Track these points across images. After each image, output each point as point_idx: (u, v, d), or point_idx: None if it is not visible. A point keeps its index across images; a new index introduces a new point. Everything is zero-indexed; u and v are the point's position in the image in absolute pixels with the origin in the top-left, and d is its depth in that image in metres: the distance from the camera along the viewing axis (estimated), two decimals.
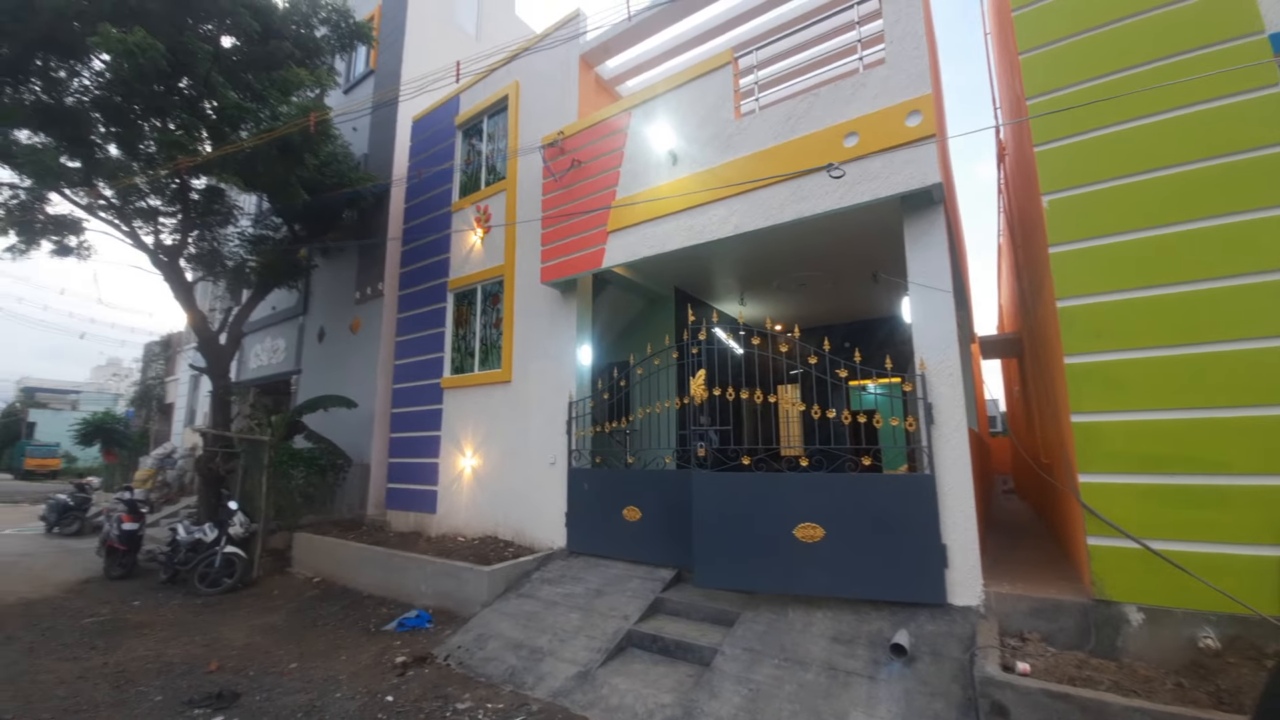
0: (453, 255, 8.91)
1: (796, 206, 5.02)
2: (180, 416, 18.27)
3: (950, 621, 3.97)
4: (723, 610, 4.74)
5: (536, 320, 7.48)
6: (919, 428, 4.45)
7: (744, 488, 4.90)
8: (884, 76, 4.79)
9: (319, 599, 6.76)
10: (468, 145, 9.33)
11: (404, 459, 8.97)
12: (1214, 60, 3.68)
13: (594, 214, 6.47)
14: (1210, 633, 3.29)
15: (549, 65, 7.99)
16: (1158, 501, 3.54)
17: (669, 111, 6.06)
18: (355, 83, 12.25)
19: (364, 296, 10.65)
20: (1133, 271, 3.78)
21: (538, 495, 6.97)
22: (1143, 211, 3.80)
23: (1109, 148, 3.95)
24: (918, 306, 4.66)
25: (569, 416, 6.73)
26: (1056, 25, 4.29)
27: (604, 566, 5.90)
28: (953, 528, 4.22)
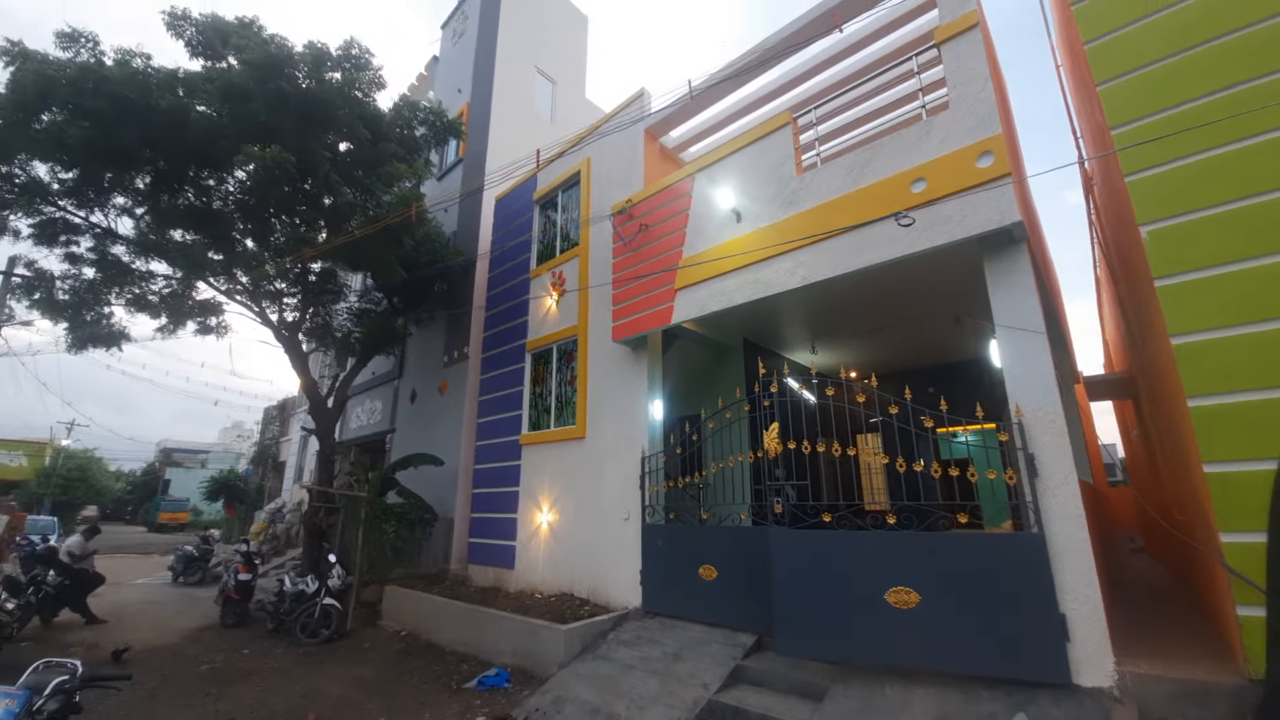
0: (530, 318, 9.46)
1: (865, 254, 4.98)
2: (290, 474, 19.95)
3: (1078, 705, 3.49)
4: (809, 682, 4.42)
5: (609, 377, 7.70)
6: (1020, 481, 4.10)
7: (826, 547, 4.66)
8: (949, 121, 4.77)
9: (405, 652, 6.97)
10: (544, 217, 10.06)
11: (485, 514, 9.28)
12: None
13: (661, 274, 6.71)
14: None
15: (616, 140, 8.59)
16: None
17: (730, 173, 6.29)
18: (447, 170, 13.68)
19: (451, 360, 11.44)
20: (1253, 302, 3.41)
21: (612, 552, 6.94)
22: (1253, 238, 3.46)
23: (1208, 173, 3.68)
24: (1007, 350, 4.39)
25: (642, 471, 6.76)
26: (1132, 54, 4.14)
27: (680, 628, 5.71)
28: (1071, 594, 3.77)
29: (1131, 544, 10.45)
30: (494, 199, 11.32)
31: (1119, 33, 4.23)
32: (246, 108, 7.96)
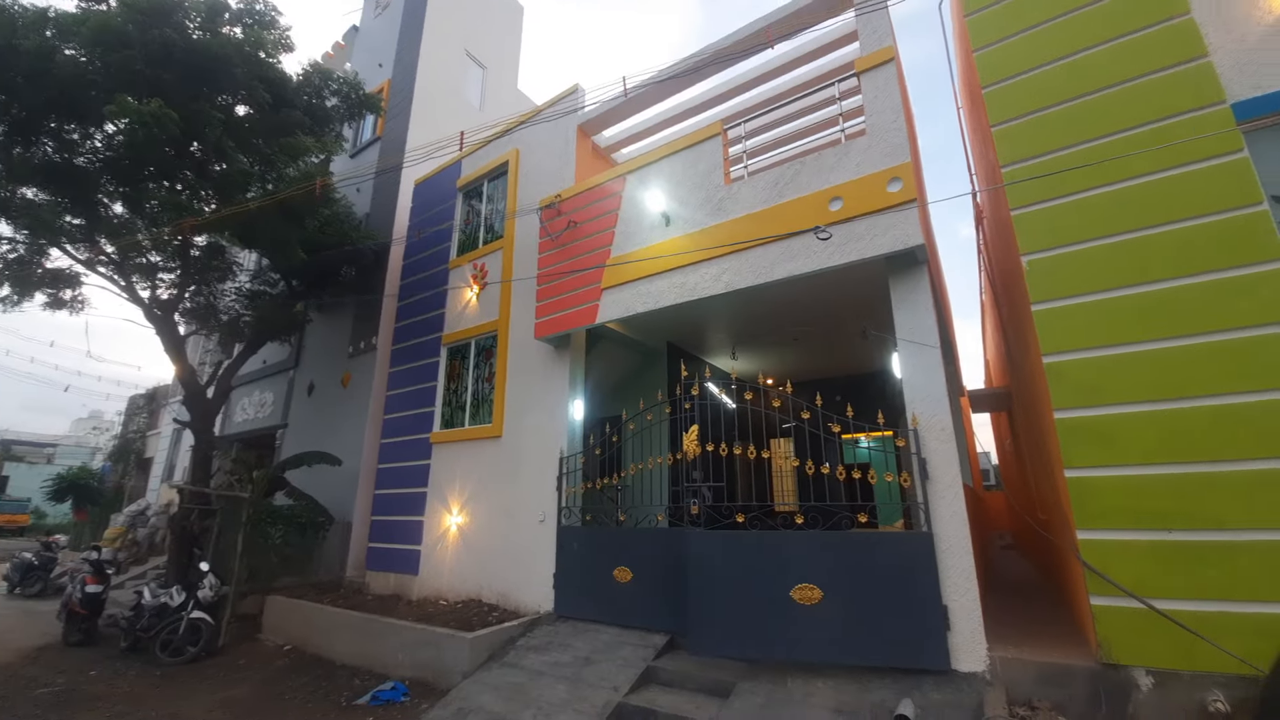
0: (448, 311, 9.02)
1: (786, 265, 5.18)
2: (158, 472, 17.75)
3: (956, 689, 3.79)
4: (719, 680, 4.49)
5: (529, 375, 7.49)
6: (914, 484, 4.41)
7: (738, 547, 4.77)
8: (865, 146, 5.07)
9: (289, 670, 6.35)
10: (467, 206, 9.65)
11: (388, 517, 8.70)
12: (1180, 129, 3.94)
13: (588, 272, 6.63)
14: (1220, 695, 3.15)
15: (548, 134, 8.41)
16: (1158, 558, 3.48)
17: (662, 177, 6.34)
18: (362, 148, 12.78)
19: (357, 351, 10.66)
20: (1114, 328, 3.89)
21: (526, 555, 6.74)
22: (1120, 271, 3.95)
23: (1084, 212, 4.16)
24: (907, 362, 4.73)
25: (560, 472, 6.62)
26: (1024, 100, 4.61)
27: (594, 632, 5.63)
28: (953, 588, 4.10)
29: (1002, 542, 11.68)
30: (413, 183, 10.71)
31: (1014, 80, 4.70)
32: (123, 55, 6.98)
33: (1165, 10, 4.17)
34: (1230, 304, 3.59)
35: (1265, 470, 3.32)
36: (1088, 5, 4.49)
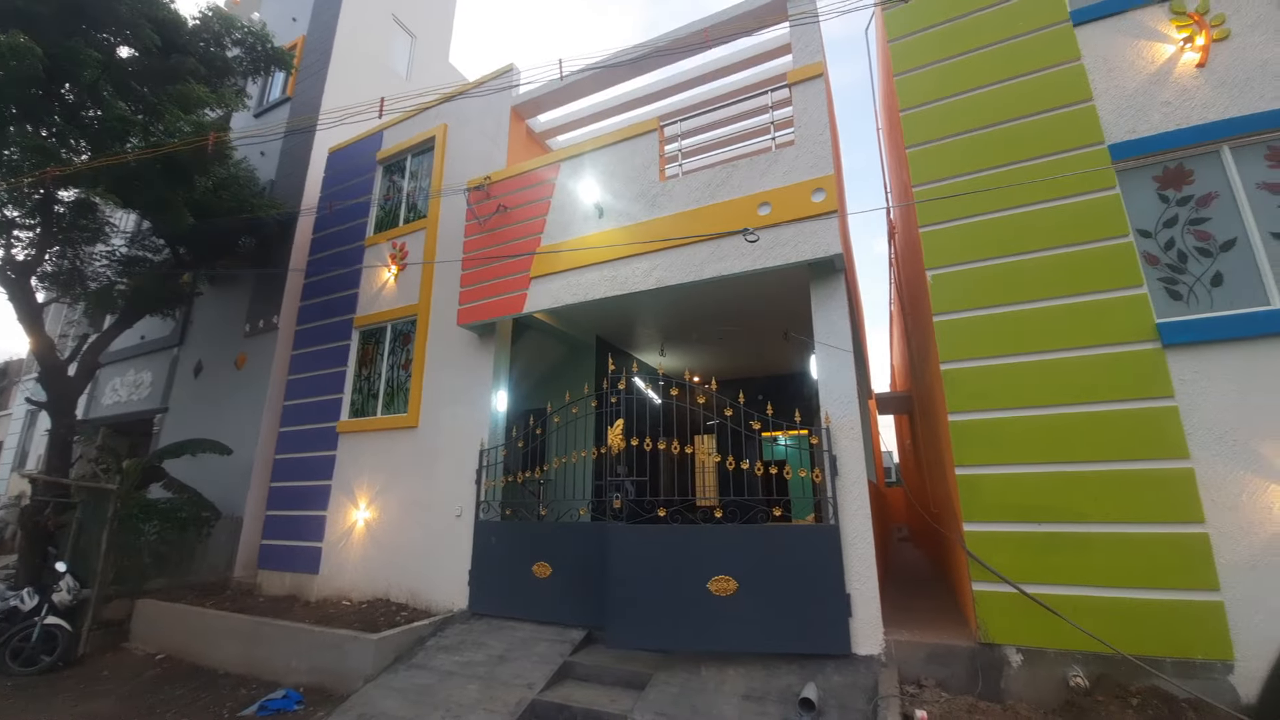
0: (362, 291, 8.45)
1: (716, 265, 5.28)
2: (8, 459, 15.41)
3: (855, 672, 4.04)
4: (635, 672, 4.53)
5: (450, 363, 7.17)
6: (825, 479, 4.65)
7: (659, 541, 4.82)
8: (794, 156, 5.26)
9: (161, 680, 5.71)
10: (388, 181, 9.07)
11: (285, 511, 8.03)
12: (1066, 165, 4.39)
13: (517, 259, 6.43)
14: (1079, 671, 3.58)
15: (480, 112, 8.07)
16: (1029, 548, 3.89)
17: (597, 168, 6.26)
18: (268, 107, 11.68)
19: (254, 330, 9.74)
20: (1002, 340, 4.29)
21: (440, 551, 6.46)
22: (1008, 289, 4.36)
23: (981, 233, 4.54)
24: (823, 365, 4.96)
25: (480, 465, 6.39)
26: (936, 126, 4.96)
27: (509, 629, 5.50)
28: (855, 577, 4.37)
29: (900, 534, 12.67)
30: (327, 151, 9.92)
31: (928, 106, 5.05)
32: None
33: (1060, 55, 4.63)
34: (1096, 323, 4.06)
35: (1117, 471, 3.79)
36: (995, 43, 4.90)
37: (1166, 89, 4.28)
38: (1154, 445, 3.74)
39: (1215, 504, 3.55)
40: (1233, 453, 3.59)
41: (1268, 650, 3.29)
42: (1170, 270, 4.08)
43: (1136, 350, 3.91)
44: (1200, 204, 4.10)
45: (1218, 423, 3.65)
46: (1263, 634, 3.33)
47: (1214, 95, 4.13)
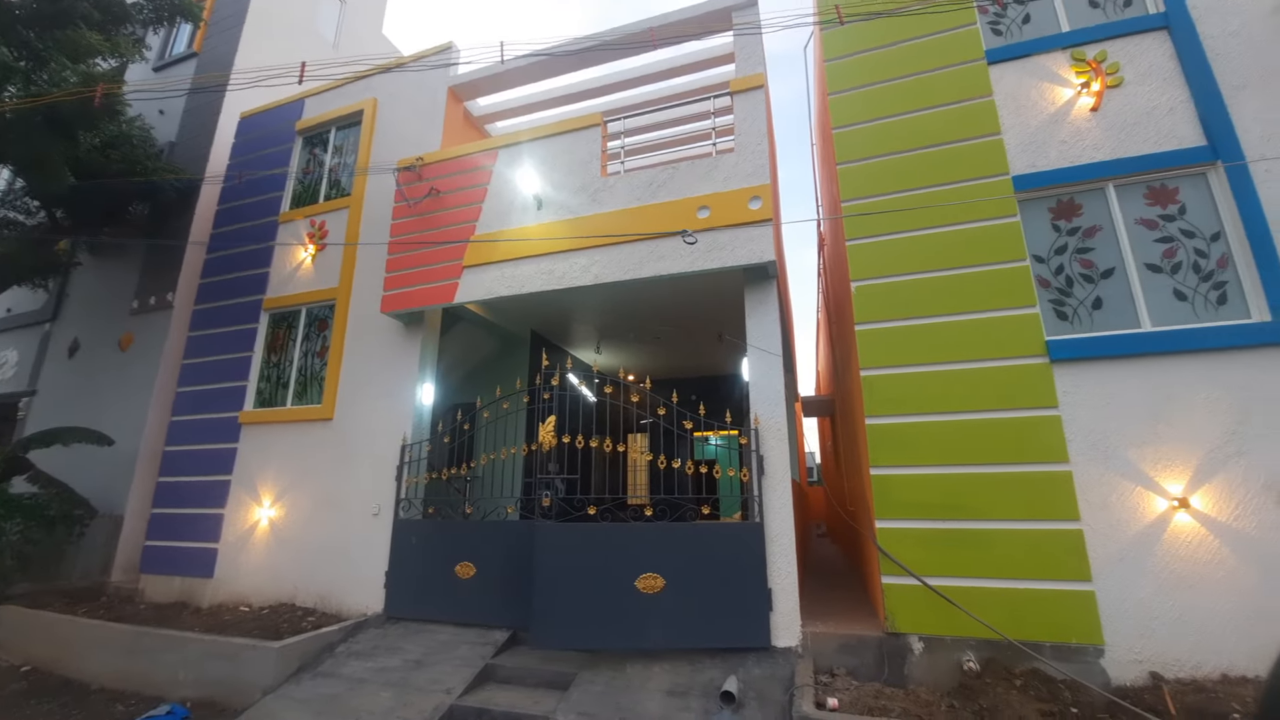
0: (273, 271, 7.81)
1: (654, 264, 5.30)
2: None
3: (774, 664, 4.19)
4: (559, 673, 4.47)
5: (372, 352, 6.78)
6: (752, 478, 4.79)
7: (588, 539, 4.79)
8: (733, 163, 5.37)
9: (27, 694, 5.03)
10: (308, 154, 8.44)
11: (175, 510, 7.29)
12: (975, 191, 4.76)
13: (449, 246, 6.17)
14: (972, 656, 3.90)
15: (415, 90, 7.68)
16: (934, 543, 4.19)
17: (538, 158, 6.11)
18: (171, 62, 10.54)
19: (145, 307, 8.77)
20: (915, 350, 4.59)
21: (354, 552, 6.09)
22: (921, 302, 4.67)
23: (901, 250, 4.84)
24: (754, 367, 5.11)
25: (401, 461, 6.09)
26: (865, 146, 5.23)
27: (429, 632, 5.27)
28: (777, 573, 4.53)
29: (819, 531, 13.32)
30: (239, 115, 9.09)
31: (858, 126, 5.32)
32: None
33: (975, 90, 5.01)
34: (995, 338, 4.43)
35: (1009, 473, 4.16)
36: (920, 73, 5.23)
37: (1064, 129, 4.74)
38: (1040, 450, 4.14)
39: (1089, 503, 3.98)
40: (1104, 458, 4.03)
41: (1134, 635, 3.73)
42: (1059, 293, 4.53)
43: (1028, 364, 4.31)
44: (1086, 235, 4.58)
45: (1092, 430, 4.09)
46: (1129, 621, 3.76)
47: (1104, 137, 4.62)
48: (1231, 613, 3.62)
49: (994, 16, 5.31)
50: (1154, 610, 3.74)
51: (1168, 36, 4.66)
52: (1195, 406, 3.95)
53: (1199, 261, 4.28)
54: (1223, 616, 3.63)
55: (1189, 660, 3.62)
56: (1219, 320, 4.12)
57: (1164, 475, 3.91)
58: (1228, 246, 4.24)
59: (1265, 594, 3.59)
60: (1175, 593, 3.73)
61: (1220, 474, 3.82)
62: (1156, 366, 4.08)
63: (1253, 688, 3.33)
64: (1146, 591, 3.77)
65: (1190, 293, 4.25)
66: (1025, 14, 5.23)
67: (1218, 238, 4.28)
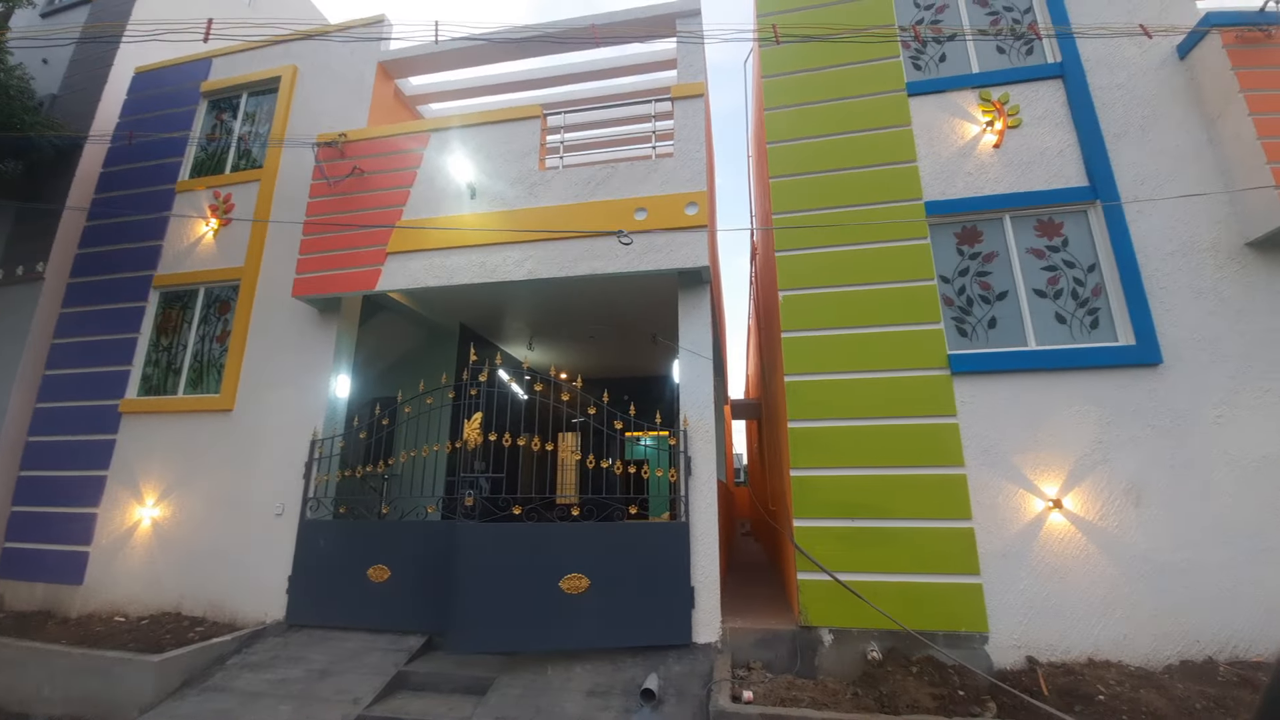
0: (167, 245, 7.08)
1: (590, 263, 5.27)
2: None
3: (694, 660, 4.29)
4: (478, 677, 4.35)
5: (281, 339, 6.29)
6: (679, 478, 4.88)
7: (512, 540, 4.69)
8: (672, 167, 5.44)
9: None
10: (214, 119, 7.72)
11: (40, 507, 6.43)
12: (892, 213, 5.08)
13: (373, 231, 5.84)
14: (875, 646, 4.17)
15: (341, 62, 7.21)
16: (846, 540, 4.44)
17: (473, 145, 5.91)
18: (61, 8, 9.29)
19: (10, 278, 7.65)
20: (835, 358, 4.85)
21: (253, 555, 5.63)
22: (840, 314, 4.94)
23: (826, 263, 5.09)
24: (685, 370, 5.21)
25: (311, 457, 5.69)
26: (796, 162, 5.46)
27: (336, 640, 4.96)
28: (700, 571, 4.64)
29: (743, 530, 13.76)
30: (134, 70, 8.16)
31: (790, 143, 5.54)
32: None
33: (896, 119, 5.36)
34: (905, 350, 4.76)
35: (913, 475, 4.48)
36: (849, 98, 5.52)
37: (970, 162, 5.17)
38: (940, 454, 4.49)
39: (980, 504, 4.36)
40: (993, 462, 4.44)
41: (1014, 623, 4.12)
42: (960, 311, 4.94)
43: (932, 375, 4.66)
44: (985, 260, 5.02)
45: (984, 437, 4.49)
46: (1010, 610, 4.15)
47: (1003, 172, 5.08)
48: (1095, 601, 4.09)
49: (915, 52, 5.71)
50: (1031, 600, 4.16)
51: (1062, 85, 5.20)
52: (1069, 418, 4.43)
53: (1077, 289, 4.81)
54: (1088, 605, 4.09)
55: (1060, 645, 4.05)
56: (1091, 342, 4.65)
57: (1042, 479, 4.36)
58: (1101, 277, 4.79)
59: (1123, 584, 4.09)
60: (1049, 584, 4.17)
61: (1088, 478, 4.30)
62: (1039, 381, 4.54)
63: (1115, 670, 3.77)
64: (1025, 583, 4.19)
65: (1069, 316, 4.76)
66: (942, 53, 5.66)
67: (1094, 269, 4.83)
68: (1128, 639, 4.00)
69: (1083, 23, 5.28)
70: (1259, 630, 3.88)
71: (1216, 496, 4.14)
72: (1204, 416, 4.29)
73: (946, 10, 5.80)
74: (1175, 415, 4.32)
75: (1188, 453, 4.24)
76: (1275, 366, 4.29)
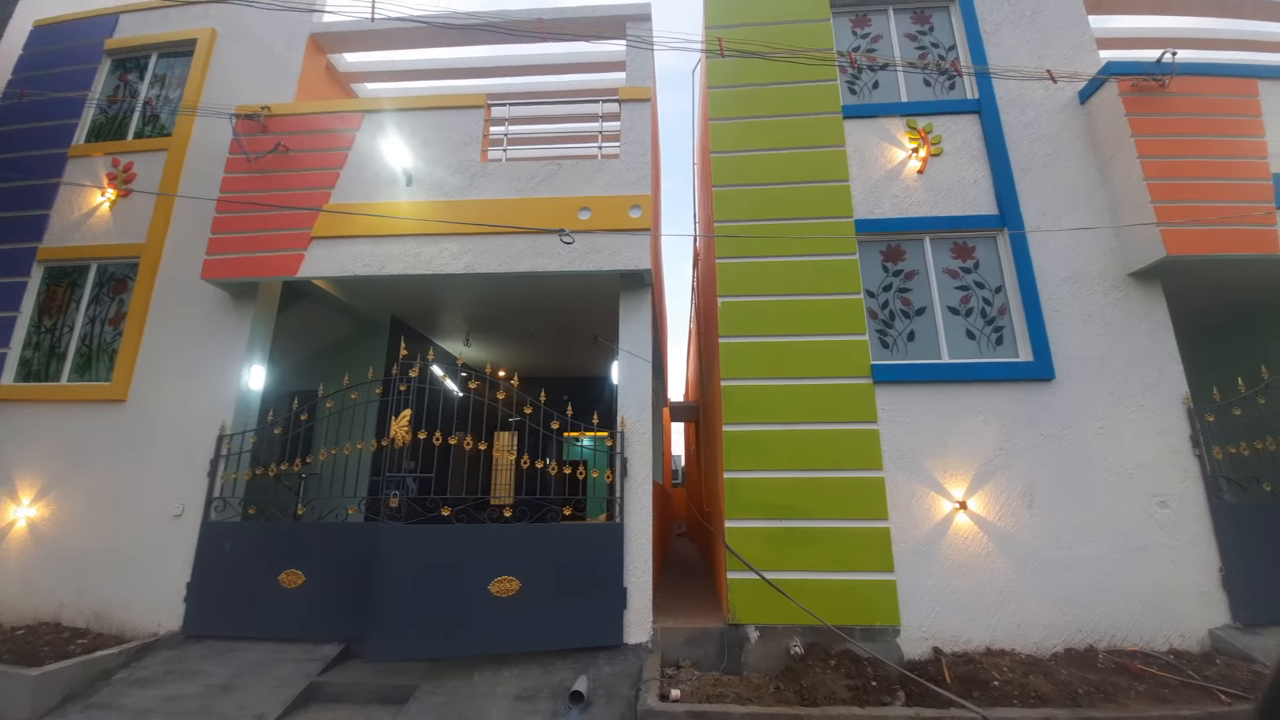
0: (56, 214, 6.35)
1: (532, 260, 5.19)
2: None
3: (625, 660, 4.30)
4: (398, 686, 4.16)
5: (186, 324, 5.78)
6: (615, 479, 4.88)
7: (440, 542, 4.53)
8: (618, 169, 5.45)
9: None
10: (118, 80, 7.00)
11: None
12: (826, 228, 5.32)
13: (297, 213, 5.48)
14: (798, 642, 4.34)
15: (267, 30, 6.72)
16: (774, 541, 4.61)
17: (411, 130, 5.68)
18: None
19: None
20: (769, 364, 5.02)
21: (146, 560, 5.13)
22: (773, 322, 5.13)
23: (763, 272, 5.27)
24: (624, 371, 5.22)
25: (218, 454, 5.26)
26: (738, 173, 5.62)
27: (240, 651, 4.61)
28: (633, 571, 4.66)
29: (679, 531, 13.95)
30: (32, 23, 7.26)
31: (733, 154, 5.70)
32: None
33: (831, 139, 5.63)
34: (833, 359, 5.00)
35: (837, 478, 4.71)
36: (788, 115, 5.74)
37: (896, 184, 5.51)
38: (862, 458, 4.75)
39: (895, 505, 4.65)
40: (907, 466, 4.74)
41: (923, 616, 4.41)
42: (884, 324, 5.25)
43: (857, 384, 4.93)
44: (907, 277, 5.36)
45: (901, 443, 4.79)
46: (919, 604, 4.44)
47: (925, 197, 5.45)
48: (993, 595, 4.45)
49: (851, 77, 6.03)
50: (938, 595, 4.47)
51: (979, 120, 5.64)
52: (975, 426, 4.80)
53: (986, 308, 5.23)
54: (987, 598, 4.45)
55: (962, 636, 4.38)
56: (996, 357, 5.07)
57: (951, 482, 4.70)
58: (1006, 298, 5.23)
59: (1017, 579, 4.47)
60: (953, 579, 4.50)
61: (990, 482, 4.68)
62: (950, 392, 4.90)
63: (1009, 658, 4.11)
64: (933, 579, 4.50)
65: (978, 333, 5.17)
66: (875, 80, 6.00)
67: (1000, 290, 5.26)
68: (1021, 629, 4.38)
69: (998, 64, 5.75)
70: (1134, 621, 4.36)
71: (1097, 499, 4.62)
72: (1088, 428, 4.77)
73: (881, 41, 6.15)
74: (1064, 425, 4.78)
75: (1074, 460, 4.71)
76: (1149, 386, 4.84)
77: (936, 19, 6.21)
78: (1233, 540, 4.46)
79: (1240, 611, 4.31)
